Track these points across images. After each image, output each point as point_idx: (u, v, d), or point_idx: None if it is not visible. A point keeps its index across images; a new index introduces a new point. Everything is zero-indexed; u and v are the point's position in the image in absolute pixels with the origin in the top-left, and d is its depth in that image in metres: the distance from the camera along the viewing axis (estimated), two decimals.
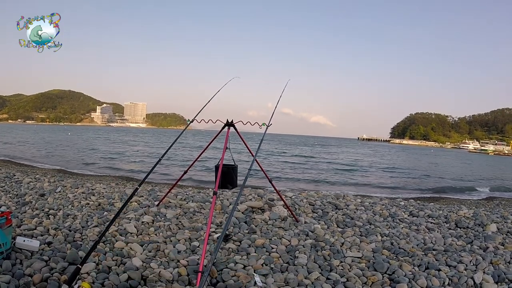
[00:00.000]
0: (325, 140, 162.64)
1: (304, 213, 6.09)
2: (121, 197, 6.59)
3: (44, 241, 3.89)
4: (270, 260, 3.91)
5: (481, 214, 6.92)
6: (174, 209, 5.77)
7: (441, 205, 9.24)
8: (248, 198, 6.83)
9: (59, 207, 5.68)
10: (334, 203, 6.84)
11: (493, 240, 5.23)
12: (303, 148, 59.60)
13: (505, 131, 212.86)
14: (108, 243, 4.11)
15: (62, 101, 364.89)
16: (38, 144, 36.76)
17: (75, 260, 3.41)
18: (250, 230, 4.93)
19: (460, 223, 6.18)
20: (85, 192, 6.96)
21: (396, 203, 8.19)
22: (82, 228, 4.60)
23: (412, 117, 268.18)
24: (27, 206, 5.62)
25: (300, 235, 4.84)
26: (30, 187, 7.40)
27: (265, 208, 5.95)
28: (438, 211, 7.16)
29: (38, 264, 3.23)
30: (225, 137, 4.59)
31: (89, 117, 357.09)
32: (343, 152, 55.41)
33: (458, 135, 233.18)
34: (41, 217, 4.97)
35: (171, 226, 4.88)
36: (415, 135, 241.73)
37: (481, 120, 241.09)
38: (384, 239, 5.03)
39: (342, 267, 3.89)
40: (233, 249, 4.19)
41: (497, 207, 11.95)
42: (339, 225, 5.63)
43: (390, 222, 6.03)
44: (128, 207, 5.77)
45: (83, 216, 5.16)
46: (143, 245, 4.14)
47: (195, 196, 7.09)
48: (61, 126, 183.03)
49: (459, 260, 4.27)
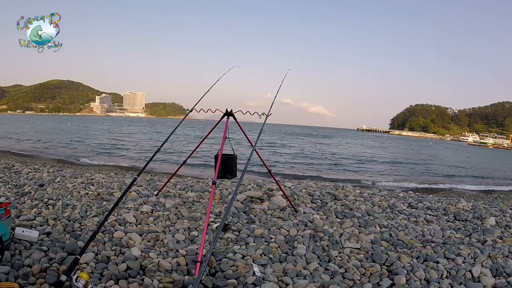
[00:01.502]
0: (325, 130, 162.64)
1: (303, 204, 6.09)
2: (120, 187, 6.59)
3: (43, 232, 3.89)
4: (269, 250, 3.92)
5: (480, 207, 6.93)
6: (173, 199, 5.77)
7: (440, 197, 9.27)
8: (247, 188, 6.84)
9: (58, 197, 5.68)
10: (333, 194, 6.85)
11: (492, 233, 5.24)
12: (303, 138, 59.56)
13: (505, 124, 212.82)
14: (107, 233, 4.11)
15: (61, 91, 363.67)
16: (37, 134, 36.67)
17: (74, 250, 3.40)
18: (249, 220, 4.94)
19: (459, 215, 6.18)
20: (84, 182, 6.96)
21: (395, 195, 8.20)
22: (81, 218, 4.60)
23: (412, 108, 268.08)
24: (26, 197, 5.61)
25: (299, 225, 4.85)
26: (29, 177, 7.39)
27: (264, 198, 5.95)
28: (437, 203, 7.17)
29: (37, 255, 3.23)
30: (225, 126, 4.57)
31: (88, 107, 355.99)
32: (342, 143, 55.40)
33: (457, 127, 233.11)
34: (40, 208, 4.97)
35: (170, 216, 4.89)
36: (414, 126, 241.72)
37: (481, 113, 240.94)
38: (382, 231, 5.03)
39: (340, 258, 3.90)
40: (232, 239, 4.19)
41: (496, 200, 11.98)
42: (338, 215, 5.64)
43: (389, 214, 6.04)
44: (127, 197, 5.77)
45: (82, 206, 5.16)
46: (142, 235, 4.14)
47: (194, 185, 7.09)
48: (60, 116, 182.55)
49: (457, 253, 4.27)
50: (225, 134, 4.48)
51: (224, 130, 4.49)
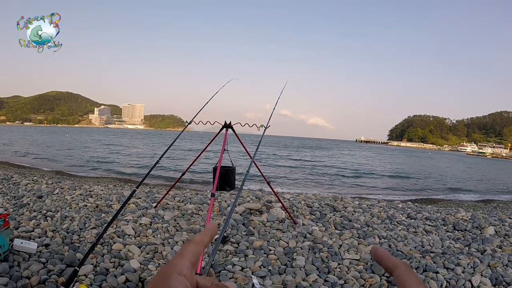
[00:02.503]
0: (323, 142, 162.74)
1: (302, 215, 6.09)
2: (119, 199, 6.58)
3: (41, 243, 3.89)
4: (268, 262, 3.91)
5: (479, 216, 6.93)
6: (172, 211, 5.76)
7: (438, 207, 9.26)
8: (246, 200, 6.84)
9: (57, 209, 5.67)
10: (332, 205, 6.85)
11: (491, 243, 5.24)
12: (302, 151, 59.58)
13: (503, 134, 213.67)
14: (106, 245, 4.11)
15: (60, 103, 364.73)
16: (36, 146, 36.65)
17: (73, 262, 3.40)
18: (248, 232, 4.93)
19: (458, 225, 6.19)
20: (83, 194, 6.95)
21: (394, 206, 8.20)
22: (80, 230, 4.59)
23: (410, 119, 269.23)
24: (25, 208, 5.60)
25: (298, 237, 4.84)
26: (28, 189, 7.38)
27: (263, 210, 5.95)
28: (435, 214, 7.17)
29: (35, 266, 3.23)
30: (223, 139, 4.60)
31: (87, 118, 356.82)
32: (341, 154, 55.43)
33: (456, 137, 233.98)
34: (38, 219, 4.96)
35: (169, 228, 4.88)
36: (413, 137, 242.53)
37: (479, 122, 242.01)
38: (382, 242, 5.03)
39: (340, 269, 3.89)
40: (231, 251, 4.19)
41: (495, 209, 11.96)
42: (337, 227, 5.64)
43: (388, 225, 6.04)
44: (126, 209, 5.76)
45: (80, 218, 5.15)
46: (140, 247, 4.13)
47: (193, 198, 7.09)
48: (59, 128, 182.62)
49: (456, 263, 4.27)
50: (224, 146, 4.50)
51: (223, 142, 4.51)
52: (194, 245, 0.47)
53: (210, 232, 0.51)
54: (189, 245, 0.47)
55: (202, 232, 0.50)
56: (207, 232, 0.51)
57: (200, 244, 0.48)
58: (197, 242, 0.48)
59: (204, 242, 0.49)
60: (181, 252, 0.45)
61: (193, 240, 0.48)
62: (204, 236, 0.50)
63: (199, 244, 0.48)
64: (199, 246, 0.48)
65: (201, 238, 0.49)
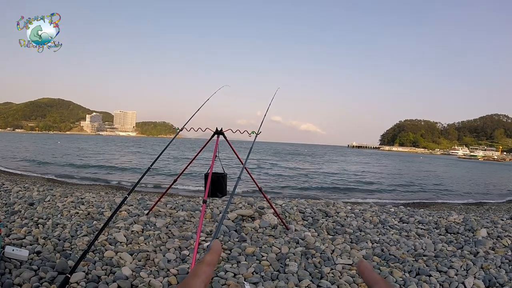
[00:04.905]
0: (315, 148, 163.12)
1: (294, 221, 6.10)
2: (111, 206, 6.54)
3: (33, 251, 3.86)
4: (261, 268, 3.91)
5: (471, 219, 6.97)
6: (164, 218, 5.74)
7: (431, 211, 9.30)
8: (238, 206, 6.83)
9: (48, 216, 5.62)
10: (324, 211, 6.86)
11: (483, 245, 5.28)
12: (293, 156, 59.70)
13: (494, 136, 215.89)
14: (97, 252, 4.09)
15: (51, 110, 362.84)
16: (27, 153, 36.36)
17: (65, 269, 3.38)
18: (240, 239, 4.93)
19: (450, 228, 6.22)
20: (74, 201, 6.90)
21: (386, 210, 8.23)
22: (72, 238, 4.56)
23: (402, 124, 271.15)
24: (16, 215, 5.55)
25: (290, 243, 4.85)
26: (19, 196, 7.32)
27: (255, 216, 5.95)
28: (428, 217, 7.20)
29: (27, 274, 3.21)
30: (215, 145, 4.60)
31: (79, 125, 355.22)
32: (333, 160, 55.65)
33: (447, 141, 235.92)
34: (30, 226, 4.92)
35: (161, 235, 4.86)
36: (404, 142, 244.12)
37: (470, 126, 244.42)
38: (374, 246, 5.05)
39: (332, 274, 3.90)
40: (223, 258, 4.18)
41: (487, 212, 12.08)
42: (329, 232, 5.65)
43: (380, 229, 6.06)
44: (118, 216, 5.73)
45: (72, 225, 5.12)
46: (132, 254, 4.11)
47: (185, 204, 7.06)
48: (51, 135, 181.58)
49: (449, 266, 4.30)
50: (215, 153, 4.50)
51: (214, 149, 4.51)
52: (206, 266, 0.49)
53: (218, 252, 0.53)
54: (202, 265, 0.50)
55: (210, 253, 0.52)
56: (215, 252, 0.53)
57: (212, 265, 0.51)
58: (208, 263, 0.50)
59: (214, 262, 0.51)
60: (195, 273, 0.47)
61: (204, 261, 0.51)
62: (214, 256, 0.52)
63: (210, 265, 0.50)
64: (211, 267, 0.50)
65: (211, 259, 0.51)
